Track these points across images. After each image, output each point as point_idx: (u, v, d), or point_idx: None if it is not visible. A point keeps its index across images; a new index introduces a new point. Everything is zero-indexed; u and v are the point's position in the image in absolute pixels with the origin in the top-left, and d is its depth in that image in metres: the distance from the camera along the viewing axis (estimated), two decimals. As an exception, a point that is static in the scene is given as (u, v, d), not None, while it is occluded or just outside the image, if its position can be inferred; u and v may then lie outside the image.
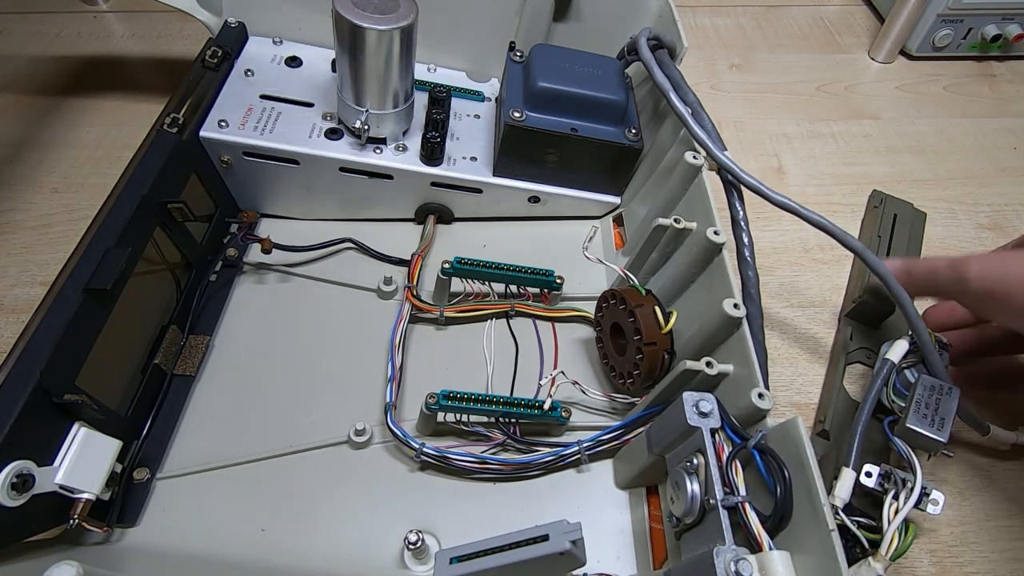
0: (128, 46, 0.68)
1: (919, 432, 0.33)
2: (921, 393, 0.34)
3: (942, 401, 0.34)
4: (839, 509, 0.32)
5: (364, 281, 0.46)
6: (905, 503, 0.32)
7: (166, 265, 0.42)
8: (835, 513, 0.32)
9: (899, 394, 0.36)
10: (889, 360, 0.36)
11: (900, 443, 0.33)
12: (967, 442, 0.43)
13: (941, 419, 0.33)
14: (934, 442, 0.33)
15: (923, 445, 0.33)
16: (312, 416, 0.40)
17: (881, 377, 0.36)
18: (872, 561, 0.31)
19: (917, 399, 0.34)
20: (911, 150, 0.63)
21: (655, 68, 0.43)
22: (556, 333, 0.45)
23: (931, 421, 0.33)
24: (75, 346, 0.32)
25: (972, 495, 0.41)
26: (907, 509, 0.32)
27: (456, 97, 0.52)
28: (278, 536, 0.35)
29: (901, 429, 0.33)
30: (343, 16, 0.38)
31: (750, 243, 0.38)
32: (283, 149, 0.44)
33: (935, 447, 0.33)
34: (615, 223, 0.51)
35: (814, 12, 0.80)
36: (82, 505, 0.31)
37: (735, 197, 0.40)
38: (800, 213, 0.38)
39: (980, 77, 0.72)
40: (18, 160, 0.55)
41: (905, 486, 0.33)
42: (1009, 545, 0.39)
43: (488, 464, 0.37)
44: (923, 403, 0.33)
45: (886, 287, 0.36)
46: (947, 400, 0.34)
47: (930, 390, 0.34)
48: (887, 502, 0.32)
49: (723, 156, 0.39)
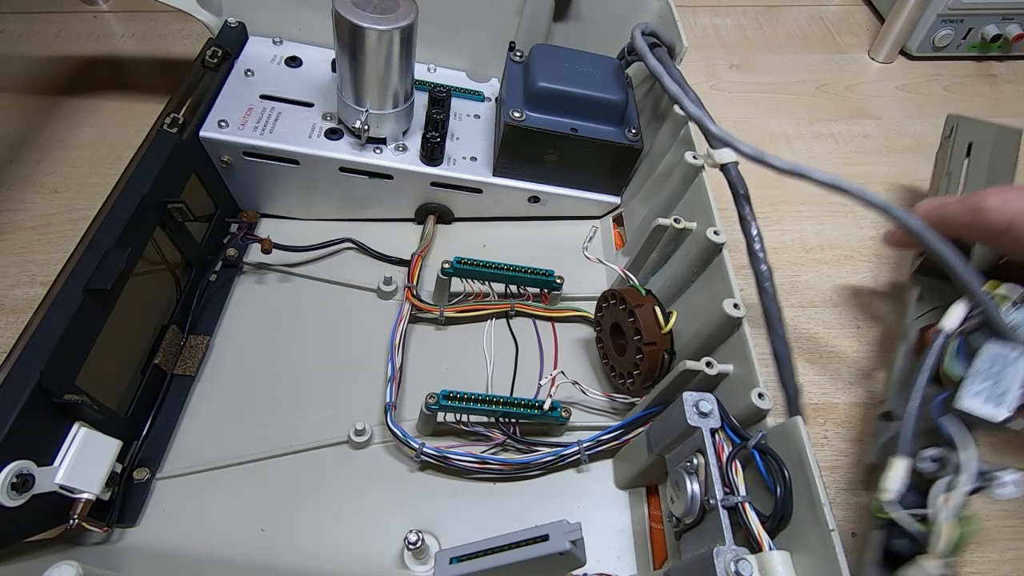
0: (128, 46, 0.68)
1: (971, 412, 0.28)
2: (981, 363, 0.29)
3: (1007, 370, 0.28)
4: (884, 503, 0.28)
5: (364, 281, 0.46)
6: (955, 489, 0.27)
7: (166, 265, 0.42)
8: (880, 508, 0.28)
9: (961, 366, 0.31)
10: (942, 330, 0.31)
11: (945, 423, 0.29)
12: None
13: (1002, 392, 0.28)
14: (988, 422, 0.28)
15: (980, 425, 0.29)
16: (312, 416, 0.40)
17: (934, 350, 0.31)
18: (922, 559, 0.27)
19: (975, 370, 0.29)
20: (911, 150, 0.63)
21: (648, 54, 0.42)
22: (556, 333, 0.45)
23: (987, 396, 0.28)
24: (75, 346, 0.32)
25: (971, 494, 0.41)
26: (959, 494, 0.27)
27: (456, 97, 0.52)
28: (278, 536, 0.35)
29: (951, 409, 0.29)
30: (343, 16, 0.38)
31: (759, 236, 0.36)
32: (283, 149, 0.44)
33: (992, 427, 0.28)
34: (615, 223, 0.51)
35: (814, 12, 0.80)
36: (82, 505, 0.31)
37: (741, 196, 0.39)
38: (809, 175, 0.35)
39: (980, 77, 0.72)
40: (18, 160, 0.55)
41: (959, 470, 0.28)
42: (1009, 545, 0.39)
43: (488, 464, 0.37)
44: (982, 374, 0.28)
45: (925, 245, 0.31)
46: (1013, 368, 0.28)
47: (993, 358, 0.29)
48: (935, 489, 0.28)
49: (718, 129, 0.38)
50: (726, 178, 0.39)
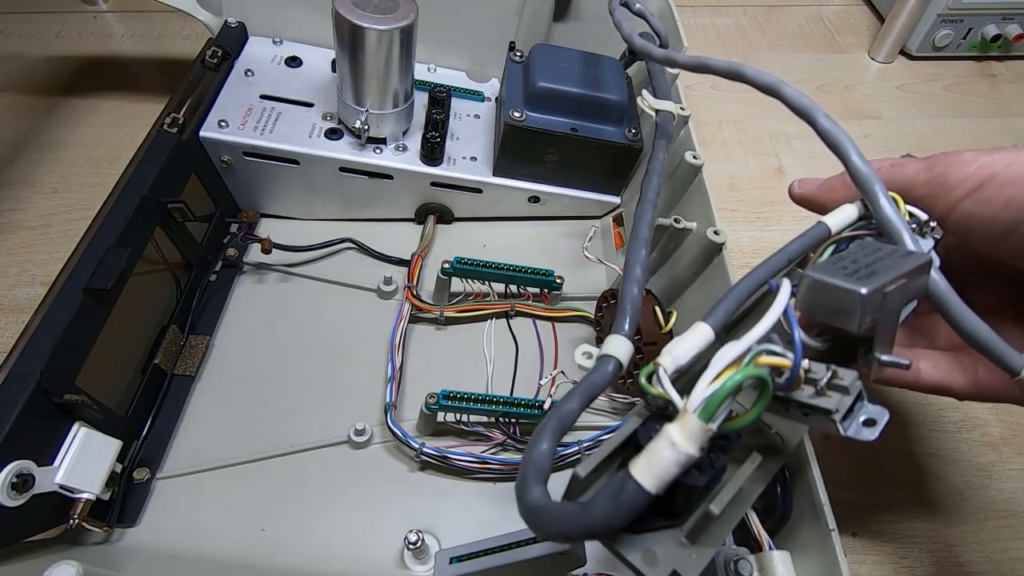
0: (128, 46, 0.68)
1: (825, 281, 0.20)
2: (855, 250, 0.23)
3: (884, 261, 0.22)
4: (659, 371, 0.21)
5: (364, 281, 0.46)
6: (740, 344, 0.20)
7: (166, 265, 0.42)
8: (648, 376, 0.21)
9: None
10: (823, 224, 0.25)
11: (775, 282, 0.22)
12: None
13: (872, 273, 0.21)
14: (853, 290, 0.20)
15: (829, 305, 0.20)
16: (312, 416, 0.40)
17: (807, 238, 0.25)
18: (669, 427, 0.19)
19: (844, 255, 0.22)
20: (911, 150, 0.63)
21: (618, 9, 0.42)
22: (556, 333, 0.45)
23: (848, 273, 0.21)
24: (75, 346, 0.32)
25: (972, 495, 0.41)
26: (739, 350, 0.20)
27: (456, 97, 0.52)
28: (278, 536, 0.35)
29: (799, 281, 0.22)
30: (343, 16, 0.38)
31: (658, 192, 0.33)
32: (283, 149, 0.44)
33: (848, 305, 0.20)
34: (615, 223, 0.51)
35: (814, 12, 0.80)
36: (82, 505, 0.31)
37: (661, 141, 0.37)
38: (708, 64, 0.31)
39: (980, 77, 0.72)
40: (18, 160, 0.55)
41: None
42: (1009, 545, 0.39)
43: (488, 464, 0.37)
44: (849, 257, 0.22)
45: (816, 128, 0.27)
46: (895, 260, 0.21)
47: (873, 250, 0.22)
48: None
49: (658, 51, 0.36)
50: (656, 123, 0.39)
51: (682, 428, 0.18)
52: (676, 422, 0.19)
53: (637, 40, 0.37)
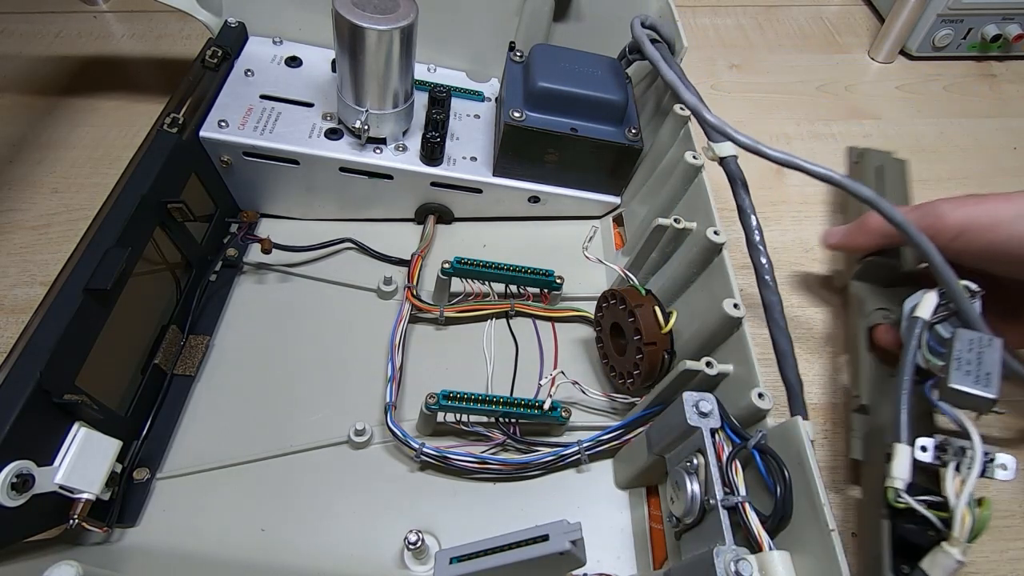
0: (128, 46, 0.68)
1: (966, 391, 0.29)
2: (960, 348, 0.30)
3: (984, 354, 0.30)
4: (900, 491, 0.29)
5: (364, 281, 0.46)
6: (969, 472, 0.28)
7: (166, 265, 0.42)
8: (897, 496, 0.29)
9: (935, 353, 0.32)
10: (919, 318, 0.33)
11: (947, 406, 0.30)
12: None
13: (987, 373, 0.29)
14: (983, 400, 0.29)
15: (971, 405, 0.29)
16: (312, 416, 0.40)
17: (914, 337, 0.32)
18: (947, 546, 0.27)
19: (957, 355, 0.30)
20: (911, 150, 0.63)
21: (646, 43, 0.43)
22: (556, 333, 0.45)
23: (976, 377, 0.29)
24: (75, 346, 0.32)
25: (979, 480, 0.41)
26: (973, 479, 0.28)
27: (456, 97, 0.52)
28: (278, 536, 0.35)
29: (945, 391, 0.30)
30: (343, 16, 0.38)
31: (759, 229, 0.37)
32: (283, 149, 0.44)
33: (985, 406, 0.29)
34: (615, 223, 0.51)
35: (814, 12, 0.80)
36: (82, 505, 0.31)
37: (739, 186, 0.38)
38: (803, 167, 0.36)
39: (980, 77, 0.72)
40: (18, 160, 0.55)
41: (965, 454, 0.28)
42: (1009, 545, 0.39)
43: (488, 464, 0.37)
44: (964, 359, 0.30)
45: (908, 237, 0.34)
46: (989, 352, 0.30)
47: (969, 343, 0.30)
48: (948, 475, 0.28)
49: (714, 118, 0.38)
50: (725, 171, 0.39)
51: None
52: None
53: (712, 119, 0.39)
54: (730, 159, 0.39)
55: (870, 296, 0.44)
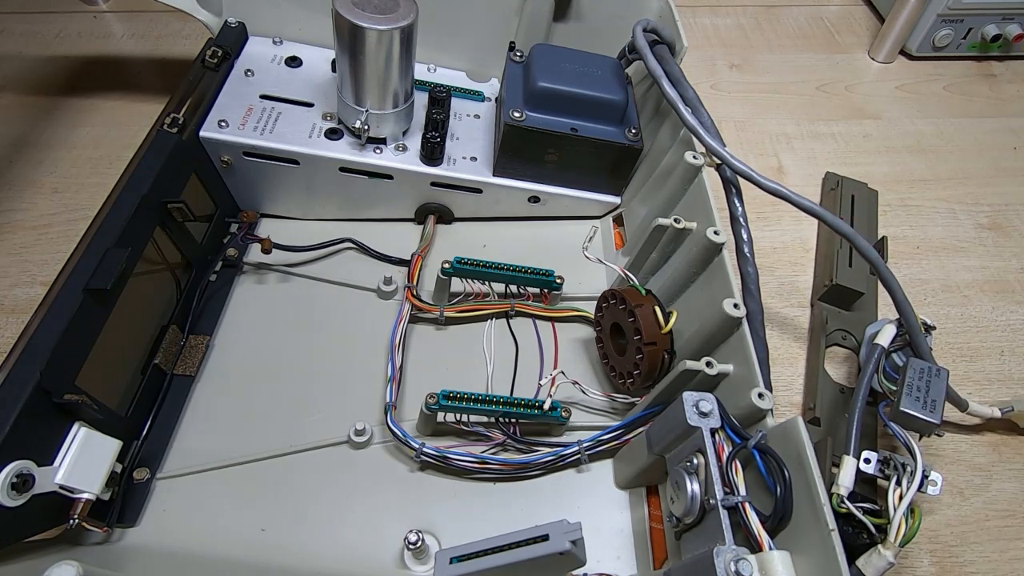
0: (128, 46, 0.68)
1: (914, 415, 0.33)
2: (912, 376, 0.34)
3: (932, 383, 0.34)
4: (844, 498, 0.32)
5: (364, 281, 0.46)
6: (909, 487, 0.31)
7: (166, 265, 0.42)
8: (840, 502, 0.31)
9: (889, 378, 0.36)
10: (879, 345, 0.36)
11: (896, 427, 0.33)
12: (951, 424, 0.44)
13: (933, 400, 0.33)
14: (928, 424, 0.33)
15: (917, 427, 0.33)
16: (312, 416, 0.40)
17: (872, 363, 0.36)
18: (882, 549, 0.30)
19: (909, 382, 0.34)
20: (911, 150, 0.63)
21: (648, 54, 0.43)
22: (556, 333, 0.45)
23: (924, 403, 0.33)
24: (75, 346, 0.32)
25: (972, 495, 0.41)
26: (912, 493, 0.31)
27: (456, 97, 0.52)
28: (278, 536, 0.35)
29: (895, 413, 0.33)
30: (343, 16, 0.38)
31: (749, 239, 0.38)
32: (283, 149, 0.44)
33: (929, 429, 0.33)
34: (615, 223, 0.51)
35: (814, 12, 0.80)
36: (82, 505, 0.31)
37: (733, 193, 0.40)
38: (790, 199, 0.38)
39: (980, 77, 0.72)
40: (18, 160, 0.55)
41: (906, 470, 0.32)
42: (1009, 545, 0.39)
43: (488, 464, 0.37)
44: (915, 386, 0.34)
45: (876, 271, 0.37)
46: (936, 381, 0.34)
47: (920, 372, 0.34)
48: (891, 488, 0.32)
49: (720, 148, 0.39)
50: (721, 177, 0.39)
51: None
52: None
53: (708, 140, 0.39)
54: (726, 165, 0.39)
55: (832, 317, 0.48)
